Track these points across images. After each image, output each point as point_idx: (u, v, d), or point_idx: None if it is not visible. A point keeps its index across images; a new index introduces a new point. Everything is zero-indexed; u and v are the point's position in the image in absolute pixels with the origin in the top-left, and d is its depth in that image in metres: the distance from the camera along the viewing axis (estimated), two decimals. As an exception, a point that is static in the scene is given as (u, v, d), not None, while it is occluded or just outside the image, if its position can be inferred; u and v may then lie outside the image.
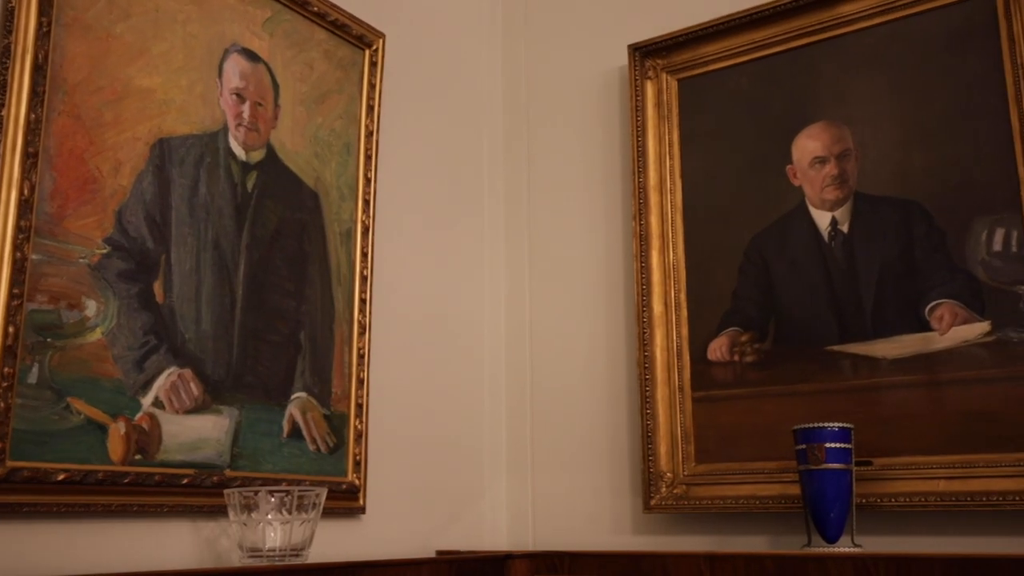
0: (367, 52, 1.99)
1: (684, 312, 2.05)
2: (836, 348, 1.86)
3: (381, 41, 2.01)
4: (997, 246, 1.73)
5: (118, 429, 1.42)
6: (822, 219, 1.93)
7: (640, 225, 2.11)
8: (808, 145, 1.97)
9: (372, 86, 1.98)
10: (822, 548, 1.66)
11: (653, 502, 1.97)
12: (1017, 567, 1.39)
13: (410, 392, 2.02)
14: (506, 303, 2.34)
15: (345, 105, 1.92)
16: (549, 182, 2.36)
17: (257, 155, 1.72)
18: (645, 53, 2.19)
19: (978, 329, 1.72)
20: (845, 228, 1.90)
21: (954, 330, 1.74)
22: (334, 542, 1.74)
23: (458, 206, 2.28)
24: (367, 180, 1.94)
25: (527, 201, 2.38)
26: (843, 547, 1.65)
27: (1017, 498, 1.60)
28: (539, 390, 2.25)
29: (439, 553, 1.95)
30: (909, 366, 1.77)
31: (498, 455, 2.24)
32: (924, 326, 1.77)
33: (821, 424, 1.69)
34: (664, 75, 2.18)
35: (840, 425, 1.68)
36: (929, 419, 1.73)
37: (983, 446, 1.67)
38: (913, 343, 1.78)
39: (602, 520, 2.08)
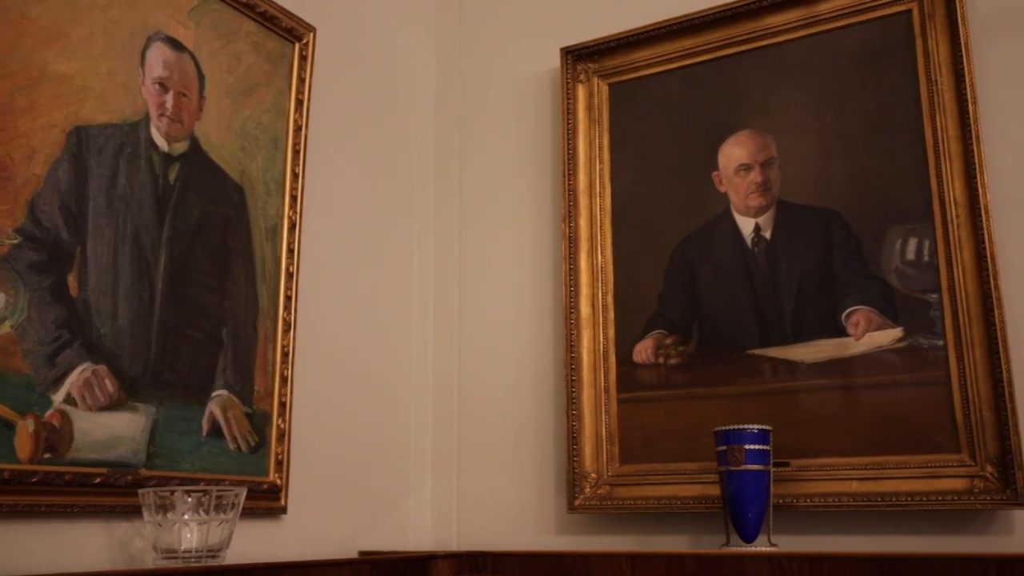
0: (297, 46, 1.96)
1: (611, 314, 2.07)
2: (757, 352, 1.90)
3: (312, 35, 1.98)
4: (910, 255, 1.79)
5: (26, 426, 1.36)
6: (746, 225, 1.97)
7: (569, 227, 2.12)
8: (734, 153, 2.01)
9: (302, 80, 1.95)
10: (740, 547, 1.69)
11: (577, 502, 1.98)
12: (923, 565, 1.44)
13: (335, 391, 2.00)
14: (435, 302, 2.33)
15: (273, 99, 1.89)
16: (480, 182, 2.36)
17: (180, 147, 1.68)
18: (577, 56, 2.21)
19: (891, 335, 1.78)
20: (768, 235, 1.94)
21: (868, 336, 1.80)
22: (254, 543, 1.71)
23: (388, 204, 2.27)
24: (295, 175, 1.91)
25: (458, 201, 2.37)
26: (760, 546, 1.68)
27: (924, 498, 1.66)
28: (466, 390, 2.25)
29: (362, 554, 1.93)
30: (826, 370, 1.82)
31: (424, 455, 2.23)
32: (840, 331, 1.82)
33: (741, 426, 1.72)
34: (596, 79, 2.20)
35: (759, 427, 1.72)
36: (844, 422, 1.78)
37: (894, 448, 1.73)
38: (830, 348, 1.83)
39: (527, 520, 2.09)
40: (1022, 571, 1.37)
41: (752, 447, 1.70)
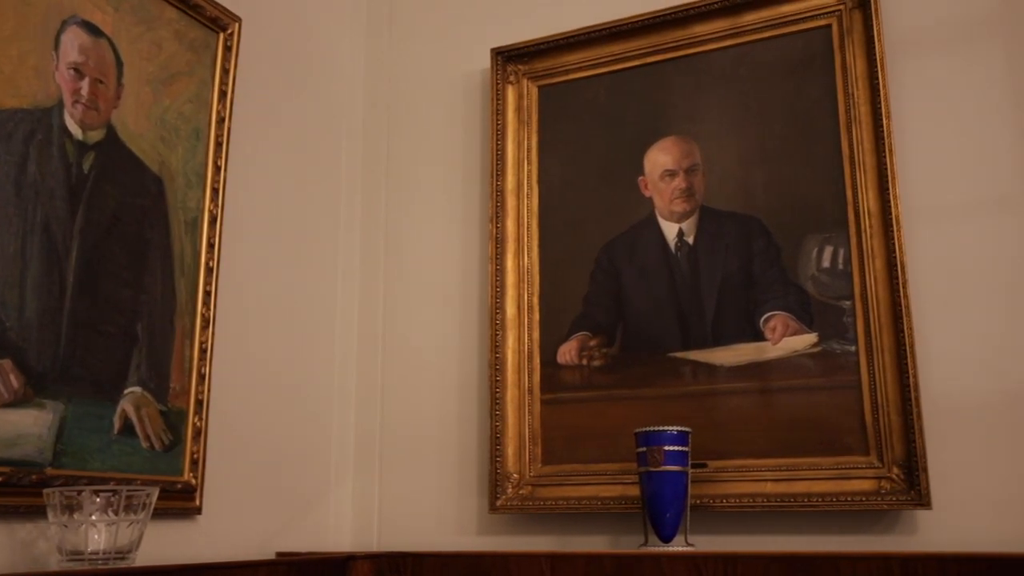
0: (221, 36, 1.91)
1: (536, 315, 2.08)
2: (679, 355, 1.93)
3: (237, 25, 1.94)
4: (826, 263, 1.84)
5: (-77, 423, 1.30)
6: (670, 230, 2.00)
7: (496, 228, 2.13)
8: (659, 158, 2.04)
9: (226, 71, 1.90)
10: (658, 547, 1.71)
11: (499, 502, 1.98)
12: (832, 564, 1.48)
13: (255, 389, 1.96)
14: (360, 300, 2.30)
15: (196, 89, 1.85)
16: (408, 180, 2.34)
17: (96, 135, 1.62)
18: (508, 58, 2.21)
19: (806, 340, 1.83)
20: (691, 240, 1.98)
21: (785, 340, 1.84)
22: (167, 544, 1.66)
23: (313, 200, 2.23)
24: (217, 168, 1.87)
25: (384, 198, 2.35)
26: (677, 546, 1.71)
27: (834, 499, 1.71)
28: (390, 389, 2.23)
29: (279, 555, 1.90)
30: (744, 373, 1.86)
31: (345, 455, 2.20)
32: (759, 336, 1.87)
33: (661, 428, 1.75)
34: (525, 81, 2.21)
35: (679, 429, 1.75)
36: (760, 424, 1.82)
37: (807, 450, 1.77)
38: (748, 352, 1.87)
39: (448, 520, 2.08)
40: (924, 569, 1.43)
41: (671, 448, 1.73)
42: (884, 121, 1.81)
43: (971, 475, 1.67)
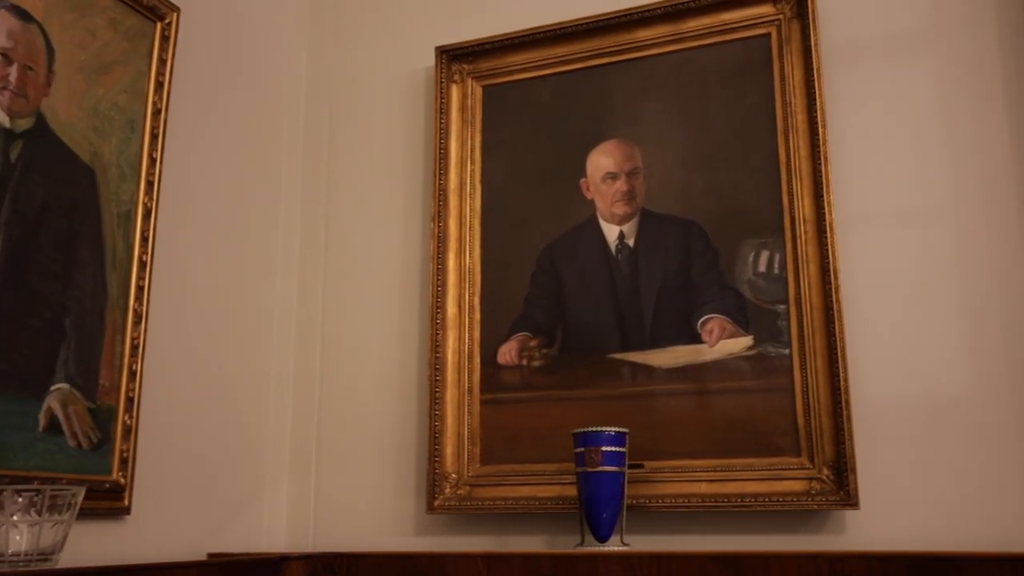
0: (159, 25, 1.87)
1: (477, 315, 2.08)
2: (618, 356, 1.95)
3: (175, 15, 1.90)
4: (762, 267, 1.88)
5: None
6: (611, 232, 2.02)
7: (439, 227, 2.12)
8: (601, 161, 2.05)
9: (163, 61, 1.86)
10: (594, 547, 1.73)
11: (436, 503, 1.98)
12: (763, 562, 1.51)
13: (188, 386, 1.92)
14: (298, 298, 2.28)
15: (131, 79, 1.80)
16: (350, 177, 2.32)
17: (24, 123, 1.57)
18: (452, 56, 2.20)
19: (742, 343, 1.86)
20: (631, 242, 1.99)
21: (722, 343, 1.87)
22: (94, 545, 1.62)
23: (252, 195, 2.20)
24: (152, 160, 1.82)
25: (326, 195, 2.33)
26: (613, 546, 1.72)
27: (767, 499, 1.74)
28: (328, 388, 2.20)
29: (210, 555, 1.86)
30: (681, 375, 1.88)
31: (281, 454, 2.17)
32: (696, 338, 1.89)
33: (598, 428, 1.76)
34: (470, 80, 2.20)
35: (616, 429, 1.76)
36: (696, 425, 1.85)
37: (741, 451, 1.80)
38: (685, 354, 1.89)
39: (385, 521, 2.07)
40: (850, 567, 1.46)
41: (609, 449, 1.74)
42: (820, 130, 1.85)
43: (897, 476, 1.71)
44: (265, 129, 2.26)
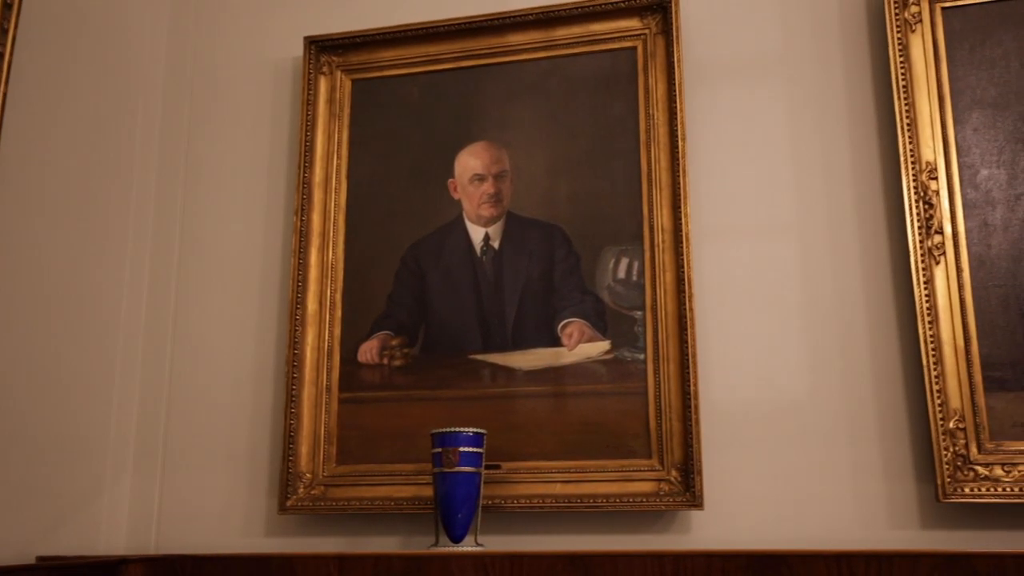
0: (2, -9, 1.75)
1: (339, 312, 2.04)
2: (479, 357, 1.95)
3: (21, -18, 1.78)
4: (621, 274, 1.93)
5: None
6: (476, 234, 2.02)
7: (301, 221, 2.07)
8: (469, 162, 2.06)
9: (4, 31, 1.74)
10: (448, 548, 1.72)
11: (289, 503, 1.93)
12: (611, 561, 1.54)
13: (23, 380, 1.80)
14: (149, 289, 2.17)
15: (-32, 47, 1.67)
16: (209, 167, 2.24)
17: None
18: (322, 48, 2.16)
19: (600, 347, 1.90)
20: (496, 244, 2.01)
21: (580, 347, 1.91)
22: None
23: (102, 181, 2.08)
24: (-11, 136, 1.70)
25: (182, 183, 2.23)
26: (467, 546, 1.73)
27: (618, 500, 1.79)
28: (178, 383, 2.11)
29: (40, 559, 1.75)
30: (540, 378, 1.91)
31: (124, 451, 2.06)
32: (556, 341, 1.92)
33: (457, 429, 1.76)
34: (339, 73, 2.17)
35: (474, 430, 1.77)
36: (553, 427, 1.88)
37: (595, 453, 1.84)
38: (545, 356, 1.92)
39: (235, 522, 2.00)
40: (692, 566, 1.52)
41: (466, 450, 1.74)
42: (680, 143, 1.91)
43: (740, 478, 1.79)
44: (118, 111, 2.15)
